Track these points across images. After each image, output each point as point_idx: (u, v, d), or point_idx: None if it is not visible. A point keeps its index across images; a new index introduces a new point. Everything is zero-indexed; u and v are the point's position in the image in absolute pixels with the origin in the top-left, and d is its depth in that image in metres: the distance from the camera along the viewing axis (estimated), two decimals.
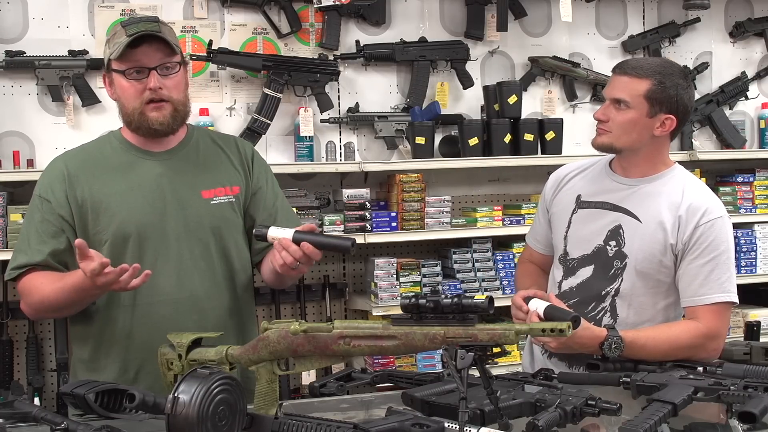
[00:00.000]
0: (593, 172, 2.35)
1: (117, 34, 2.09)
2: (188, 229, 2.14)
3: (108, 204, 2.10)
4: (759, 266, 4.09)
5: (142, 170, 2.14)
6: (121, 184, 2.12)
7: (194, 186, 2.16)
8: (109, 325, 2.11)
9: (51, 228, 2.10)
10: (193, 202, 2.15)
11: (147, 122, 2.09)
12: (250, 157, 2.28)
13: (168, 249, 2.11)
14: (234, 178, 2.23)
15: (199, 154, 2.22)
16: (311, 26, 3.80)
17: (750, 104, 4.43)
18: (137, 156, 2.16)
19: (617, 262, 2.20)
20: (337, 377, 1.96)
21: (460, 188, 4.03)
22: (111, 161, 2.16)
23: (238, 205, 2.21)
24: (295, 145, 3.71)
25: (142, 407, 1.73)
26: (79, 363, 2.18)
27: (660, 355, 2.05)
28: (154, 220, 2.11)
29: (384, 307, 3.59)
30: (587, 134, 4.17)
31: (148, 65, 2.06)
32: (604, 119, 2.20)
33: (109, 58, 2.09)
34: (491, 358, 1.54)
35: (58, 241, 2.09)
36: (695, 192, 2.21)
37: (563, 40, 4.16)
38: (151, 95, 2.07)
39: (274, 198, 2.29)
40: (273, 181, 2.32)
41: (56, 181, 2.12)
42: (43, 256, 2.08)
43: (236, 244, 2.21)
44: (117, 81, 2.10)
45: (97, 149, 2.21)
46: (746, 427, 1.66)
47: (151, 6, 3.58)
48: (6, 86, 3.45)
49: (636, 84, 2.16)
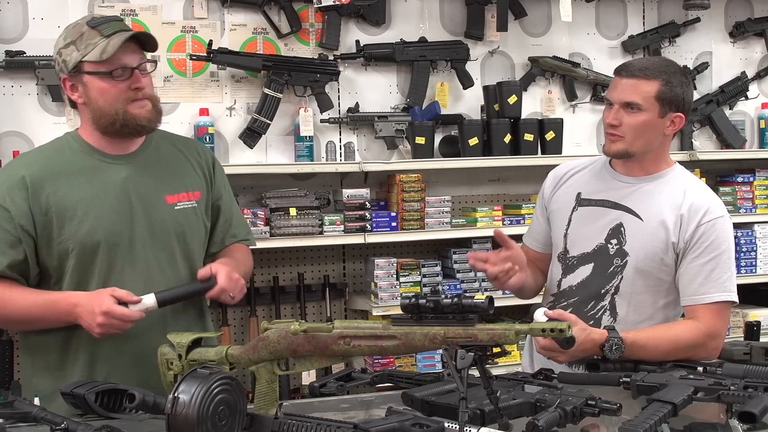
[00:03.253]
0: (593, 170, 2.35)
1: (86, 35, 2.02)
2: (154, 235, 2.11)
3: (74, 211, 2.04)
4: (759, 266, 4.09)
5: (107, 175, 2.09)
6: (87, 190, 2.06)
7: (159, 191, 2.14)
8: (72, 335, 2.07)
9: (9, 237, 2.02)
10: (158, 207, 2.12)
11: (135, 120, 2.07)
12: (211, 164, 2.28)
13: (135, 256, 2.08)
14: (196, 183, 2.21)
15: (161, 158, 2.19)
16: (311, 26, 3.80)
17: (750, 104, 4.44)
18: (100, 159, 2.11)
19: (618, 260, 2.20)
20: (337, 377, 1.96)
21: (460, 188, 4.03)
22: (73, 165, 2.09)
23: (200, 211, 2.21)
24: (295, 145, 3.71)
25: (142, 407, 1.73)
26: (42, 371, 2.12)
27: (660, 354, 2.05)
28: (121, 227, 2.07)
29: (384, 307, 3.58)
30: (587, 134, 4.19)
31: (131, 65, 2.05)
32: (617, 124, 2.18)
33: (81, 60, 2.02)
34: (491, 358, 1.54)
35: (17, 252, 2.02)
36: (697, 191, 2.22)
37: (563, 40, 4.16)
38: (135, 95, 2.05)
39: (230, 204, 2.32)
40: (229, 187, 2.35)
41: (16, 188, 2.03)
42: (0, 267, 2.01)
43: (199, 249, 2.21)
44: (92, 83, 2.04)
45: (57, 153, 2.13)
46: (746, 427, 1.66)
47: (151, 6, 3.58)
48: (6, 86, 3.45)
49: (645, 86, 2.16)
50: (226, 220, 2.29)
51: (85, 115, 2.12)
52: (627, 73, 2.19)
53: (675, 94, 2.17)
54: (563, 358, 2.03)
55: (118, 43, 2.01)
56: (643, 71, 2.17)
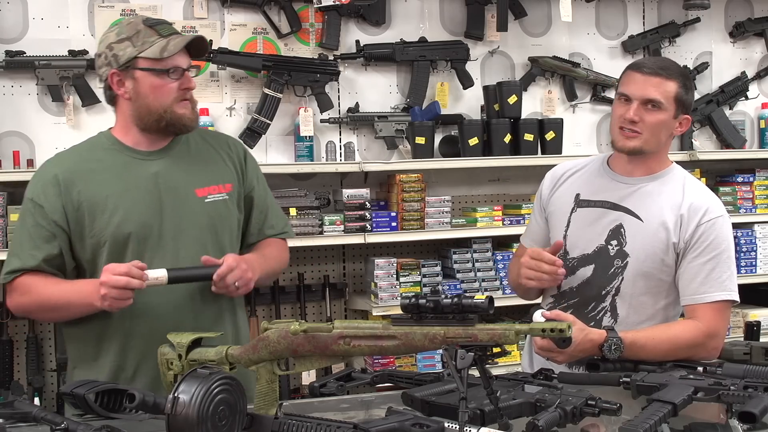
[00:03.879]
0: (591, 171, 2.34)
1: (143, 32, 2.09)
2: (184, 228, 2.15)
3: (104, 205, 2.10)
4: (759, 266, 4.10)
5: (137, 170, 2.15)
6: (117, 185, 2.12)
7: (188, 184, 2.18)
8: (106, 324, 2.11)
9: (44, 233, 2.09)
10: (188, 200, 2.16)
11: (180, 120, 2.14)
12: (242, 156, 2.31)
13: (165, 248, 2.12)
14: (226, 175, 2.25)
15: (191, 153, 2.23)
16: (311, 26, 3.80)
17: (750, 104, 4.44)
18: (131, 156, 2.17)
19: (618, 261, 2.20)
20: (337, 377, 1.96)
21: (460, 188, 4.03)
22: (105, 162, 2.16)
23: (232, 203, 2.23)
24: (295, 145, 3.71)
25: (142, 407, 1.73)
26: (79, 362, 2.18)
27: (660, 354, 2.05)
28: (151, 220, 2.12)
29: (384, 307, 3.59)
30: (587, 134, 4.20)
31: (183, 66, 2.13)
32: (638, 120, 2.17)
33: (136, 55, 2.08)
34: (491, 358, 1.54)
35: (51, 246, 2.09)
36: (696, 191, 2.22)
37: (563, 40, 4.16)
38: (184, 95, 2.13)
39: (265, 196, 2.35)
40: (263, 180, 2.37)
41: (49, 185, 2.11)
42: (36, 262, 2.08)
43: (231, 241, 2.23)
44: (145, 79, 2.10)
45: (89, 151, 2.20)
46: (746, 427, 1.66)
47: (151, 6, 3.58)
48: (6, 86, 3.45)
49: (666, 85, 2.16)
50: (261, 211, 2.32)
51: (125, 111, 2.17)
52: (649, 69, 2.17)
53: (688, 96, 2.20)
54: (561, 358, 2.03)
55: (180, 44, 2.10)
56: (665, 70, 2.17)
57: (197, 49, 2.18)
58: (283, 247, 2.39)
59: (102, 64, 2.14)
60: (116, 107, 2.20)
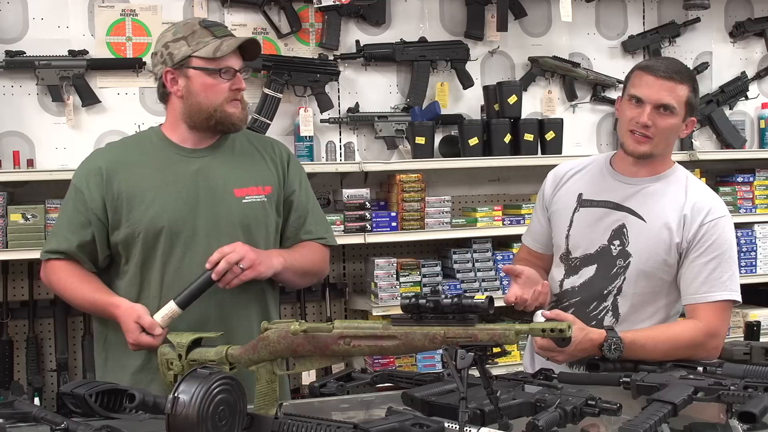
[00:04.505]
0: (593, 170, 2.34)
1: (198, 33, 2.15)
2: (218, 226, 2.18)
3: (142, 197, 2.16)
4: (759, 266, 4.09)
5: (179, 166, 2.20)
6: (157, 179, 2.18)
7: (227, 184, 2.21)
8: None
9: (81, 218, 2.18)
10: (225, 199, 2.20)
11: (229, 119, 2.18)
12: (285, 160, 2.34)
13: (197, 245, 2.16)
14: (267, 177, 2.27)
15: (235, 153, 2.27)
16: (311, 26, 3.80)
17: (750, 104, 4.43)
18: (175, 152, 2.22)
19: (620, 261, 2.20)
20: (337, 377, 1.96)
21: (460, 188, 4.03)
22: (149, 157, 2.22)
23: (270, 205, 2.25)
24: (295, 145, 3.71)
25: (142, 407, 1.73)
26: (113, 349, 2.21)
27: (660, 354, 2.05)
28: (185, 215, 2.16)
29: (384, 307, 3.59)
30: (587, 134, 4.19)
31: (235, 67, 2.18)
32: (651, 124, 2.14)
33: (190, 54, 2.14)
34: (491, 358, 1.54)
35: (86, 233, 2.17)
36: (698, 191, 2.22)
37: (563, 40, 4.16)
38: (235, 95, 2.18)
39: (306, 201, 2.35)
40: (307, 185, 2.38)
41: (92, 174, 2.19)
42: (69, 245, 2.17)
43: (266, 243, 2.24)
44: (197, 78, 2.15)
45: (137, 145, 2.28)
46: (746, 427, 1.66)
47: (152, 6, 3.58)
48: (6, 86, 3.45)
49: (680, 89, 2.14)
50: (299, 215, 2.32)
51: (175, 109, 2.22)
52: (663, 73, 2.13)
53: (696, 99, 2.19)
54: (561, 358, 2.03)
55: (233, 45, 2.16)
56: (678, 74, 2.14)
57: (250, 51, 2.22)
58: (319, 250, 2.36)
59: (157, 62, 2.20)
60: (167, 105, 2.25)
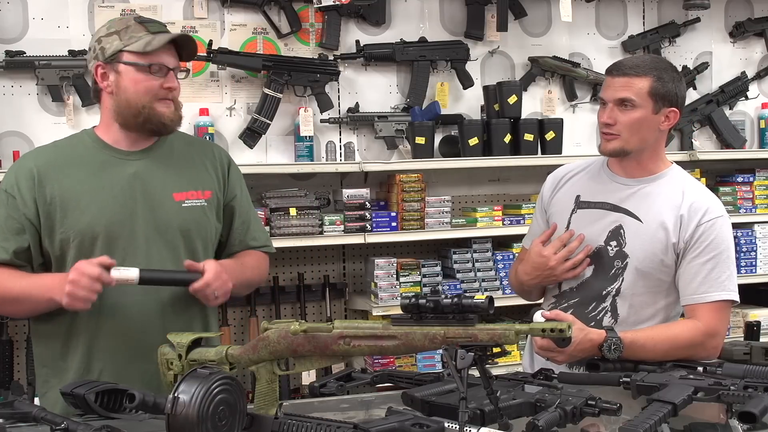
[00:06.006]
0: (591, 172, 2.35)
1: (132, 28, 2.09)
2: (158, 231, 2.12)
3: (77, 202, 2.08)
4: (759, 266, 4.09)
5: (115, 170, 2.13)
6: (92, 183, 2.10)
7: (166, 188, 2.15)
8: (74, 324, 2.09)
9: (15, 225, 2.07)
10: (163, 203, 2.14)
11: (159, 118, 2.11)
12: (226, 165, 2.29)
13: (136, 250, 2.10)
14: (206, 182, 2.22)
15: (173, 156, 2.21)
16: (311, 26, 3.80)
17: (750, 104, 4.44)
18: (111, 155, 2.15)
19: (618, 262, 2.20)
20: (337, 377, 1.96)
21: (460, 188, 4.03)
22: (84, 159, 2.14)
23: (210, 210, 2.21)
24: (295, 145, 3.71)
25: (142, 407, 1.73)
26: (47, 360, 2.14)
27: (660, 354, 2.05)
28: (123, 220, 2.09)
29: (384, 307, 3.59)
30: (587, 134, 4.19)
31: (168, 65, 2.11)
32: (612, 122, 2.19)
33: (121, 49, 2.08)
34: (491, 358, 1.54)
35: (22, 239, 2.07)
36: (695, 191, 2.22)
37: (563, 40, 4.16)
38: (165, 94, 2.11)
39: (248, 207, 2.32)
40: (247, 192, 2.34)
41: (23, 179, 2.09)
42: (7, 255, 2.06)
43: (205, 248, 2.20)
44: (126, 73, 2.08)
45: (69, 147, 2.19)
46: (746, 427, 1.66)
47: (151, 6, 3.58)
48: (6, 86, 3.45)
49: (638, 82, 2.16)
50: (243, 221, 2.29)
51: (107, 107, 2.15)
52: (618, 71, 2.19)
53: (668, 89, 2.18)
54: (561, 358, 2.03)
55: (163, 40, 2.08)
56: (634, 69, 2.17)
57: (187, 50, 2.16)
58: (264, 260, 2.35)
59: (90, 58, 2.14)
60: (100, 103, 2.18)
